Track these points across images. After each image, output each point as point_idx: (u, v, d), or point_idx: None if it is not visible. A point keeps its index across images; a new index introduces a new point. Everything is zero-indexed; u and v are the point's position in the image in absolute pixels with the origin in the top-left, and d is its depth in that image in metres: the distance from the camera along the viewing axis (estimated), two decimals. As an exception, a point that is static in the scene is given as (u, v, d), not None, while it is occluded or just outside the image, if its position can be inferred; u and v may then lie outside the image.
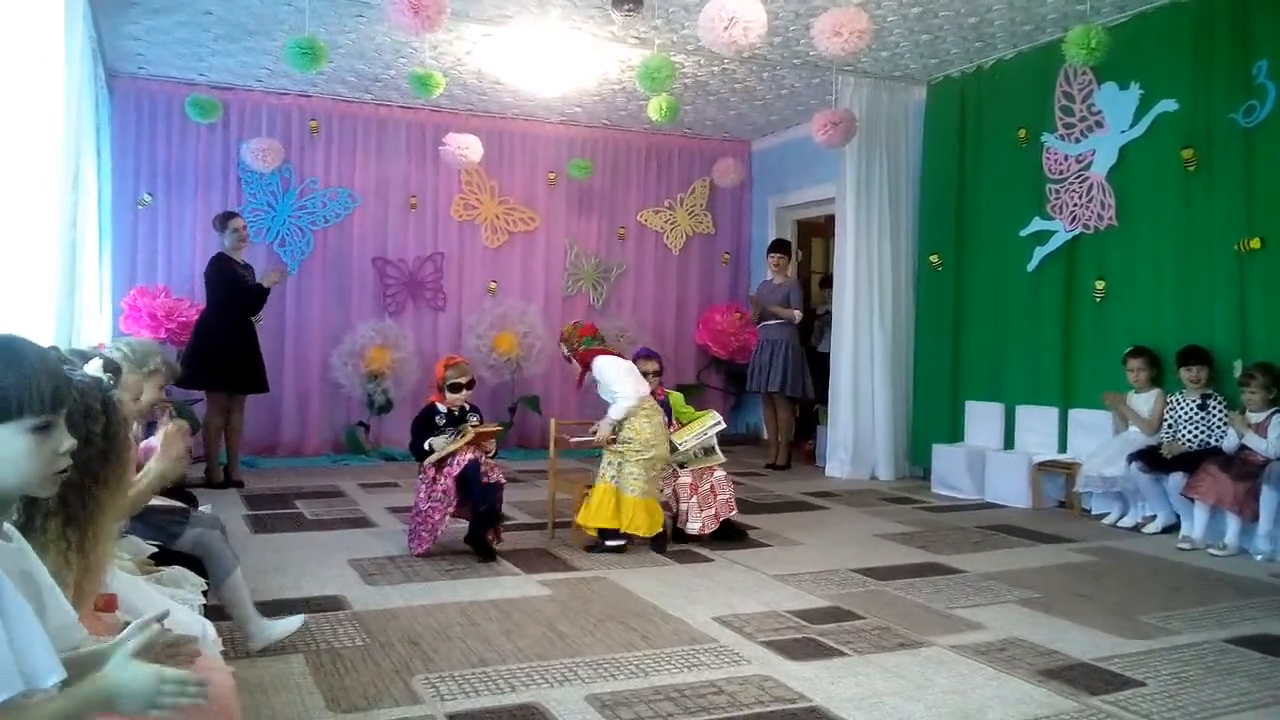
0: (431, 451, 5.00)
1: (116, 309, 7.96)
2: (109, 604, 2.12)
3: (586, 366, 5.45)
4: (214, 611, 3.22)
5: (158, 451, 2.88)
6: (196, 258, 8.21)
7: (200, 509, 3.75)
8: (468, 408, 5.19)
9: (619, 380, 5.30)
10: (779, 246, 8.98)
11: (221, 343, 7.09)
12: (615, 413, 5.26)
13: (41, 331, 4.07)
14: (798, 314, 8.62)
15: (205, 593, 3.04)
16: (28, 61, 4.04)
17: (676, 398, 5.90)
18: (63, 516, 1.77)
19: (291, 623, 3.58)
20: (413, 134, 9.29)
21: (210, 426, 7.28)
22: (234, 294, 7.17)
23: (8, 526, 1.58)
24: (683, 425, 5.66)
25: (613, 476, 5.26)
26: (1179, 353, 5.96)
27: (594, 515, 5.23)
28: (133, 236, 8.45)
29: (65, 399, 1.61)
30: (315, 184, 9.00)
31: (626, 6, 6.26)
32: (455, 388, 5.11)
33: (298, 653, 3.55)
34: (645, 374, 5.55)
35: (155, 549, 3.12)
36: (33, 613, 1.44)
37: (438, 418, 5.10)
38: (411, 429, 5.23)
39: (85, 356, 2.93)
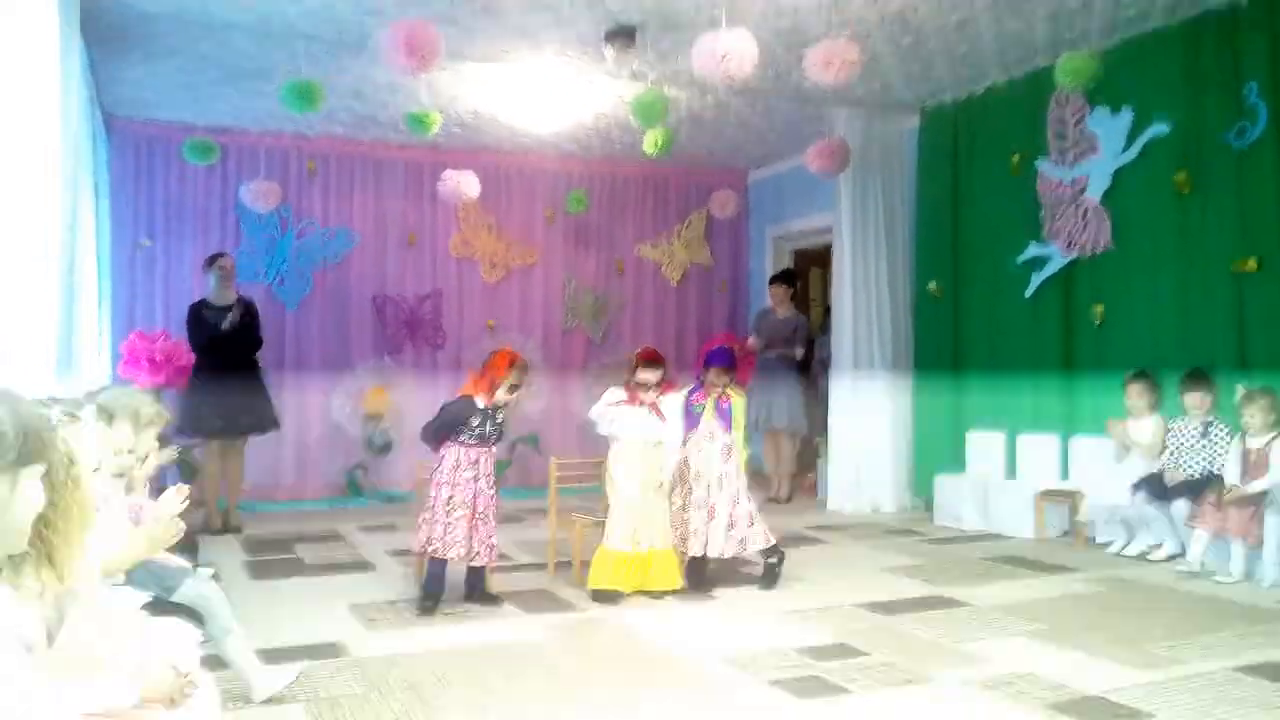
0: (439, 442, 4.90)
1: (115, 353, 7.94)
2: None
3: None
4: (211, 661, 3.17)
5: (153, 514, 2.87)
6: (195, 300, 8.21)
7: (200, 569, 3.72)
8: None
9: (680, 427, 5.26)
10: (783, 277, 8.96)
11: (208, 389, 7.04)
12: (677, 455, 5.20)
13: (40, 376, 4.05)
14: (800, 351, 8.63)
15: (202, 642, 3.00)
16: (24, 105, 4.05)
17: (739, 402, 5.46)
18: (36, 555, 1.77)
19: (292, 670, 3.58)
20: (410, 172, 9.33)
21: (207, 472, 7.23)
22: (200, 343, 7.13)
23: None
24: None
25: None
26: (1182, 377, 5.93)
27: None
28: (131, 279, 8.46)
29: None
30: (313, 224, 9.02)
31: (619, 42, 6.30)
32: (513, 389, 4.91)
33: (296, 702, 3.50)
34: (714, 384, 5.30)
35: (150, 598, 3.09)
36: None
37: (474, 417, 4.85)
38: (444, 419, 4.92)
39: (79, 405, 2.92)
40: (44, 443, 1.60)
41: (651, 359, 5.14)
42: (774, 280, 9.00)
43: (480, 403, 4.89)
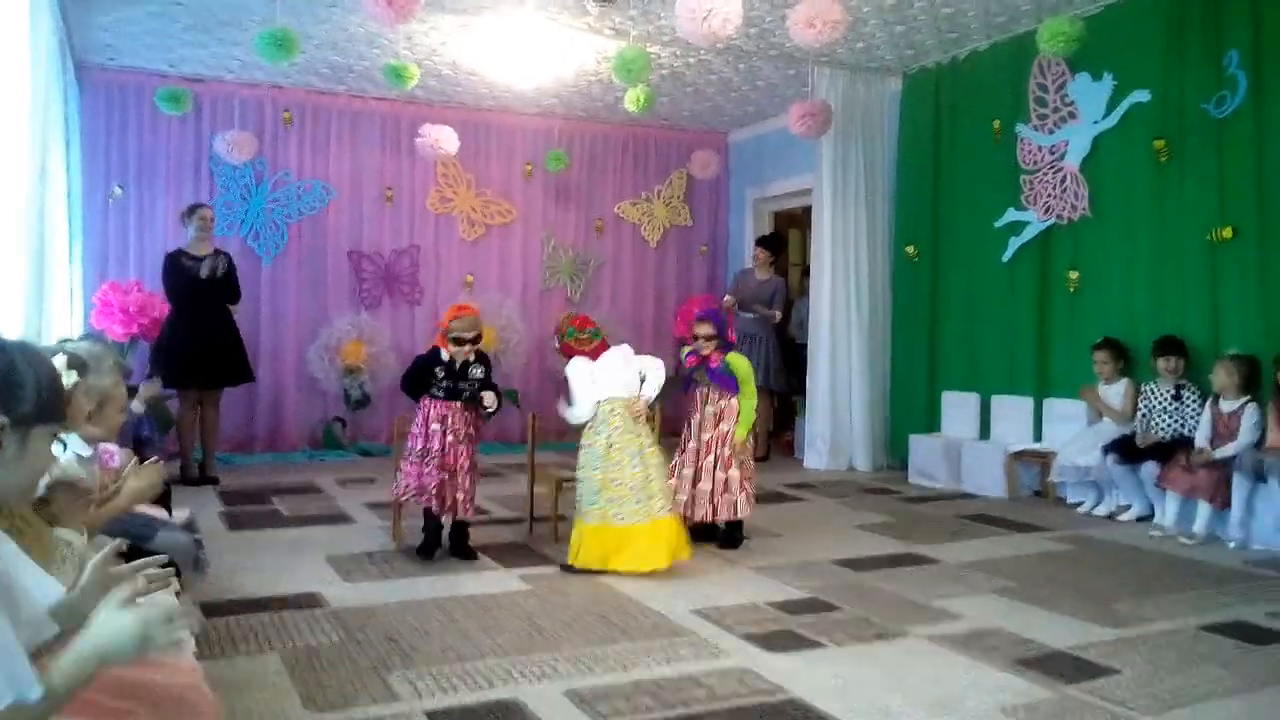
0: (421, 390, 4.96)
1: (88, 305, 7.85)
2: None
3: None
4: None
5: (131, 472, 2.86)
6: (172, 249, 8.11)
7: (175, 516, 3.69)
8: (472, 359, 4.94)
9: (579, 393, 4.90)
10: (769, 242, 8.99)
11: (184, 339, 6.96)
12: (570, 417, 4.92)
13: (9, 329, 4.01)
14: (777, 314, 8.66)
15: (177, 593, 3.00)
16: (-8, 53, 3.97)
17: (740, 365, 5.29)
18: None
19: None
20: (388, 125, 9.21)
21: (183, 423, 7.19)
22: (178, 292, 7.06)
23: None
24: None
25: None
26: (1155, 343, 6.00)
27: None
28: (104, 230, 8.33)
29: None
30: (289, 176, 8.90)
31: (602, -3, 6.23)
32: (459, 341, 4.89)
33: (274, 651, 3.52)
34: (697, 338, 5.28)
35: (125, 547, 3.08)
36: (11, 628, 1.42)
37: (438, 368, 4.89)
38: (411, 368, 5.07)
39: (51, 353, 2.88)
40: (58, 403, 1.58)
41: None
42: (759, 242, 9.04)
43: (444, 355, 4.91)
